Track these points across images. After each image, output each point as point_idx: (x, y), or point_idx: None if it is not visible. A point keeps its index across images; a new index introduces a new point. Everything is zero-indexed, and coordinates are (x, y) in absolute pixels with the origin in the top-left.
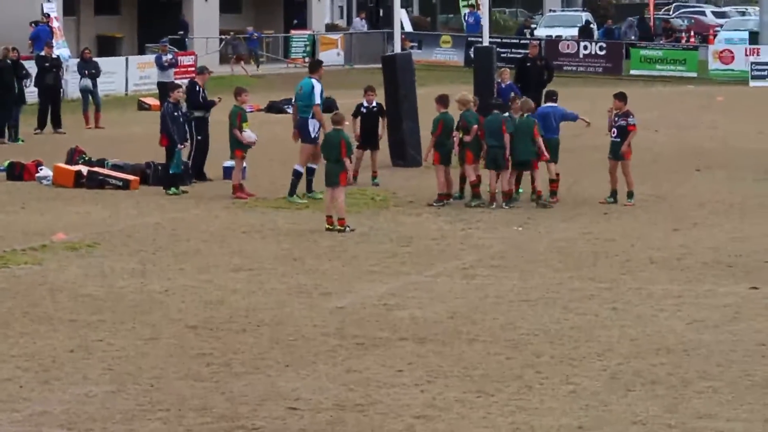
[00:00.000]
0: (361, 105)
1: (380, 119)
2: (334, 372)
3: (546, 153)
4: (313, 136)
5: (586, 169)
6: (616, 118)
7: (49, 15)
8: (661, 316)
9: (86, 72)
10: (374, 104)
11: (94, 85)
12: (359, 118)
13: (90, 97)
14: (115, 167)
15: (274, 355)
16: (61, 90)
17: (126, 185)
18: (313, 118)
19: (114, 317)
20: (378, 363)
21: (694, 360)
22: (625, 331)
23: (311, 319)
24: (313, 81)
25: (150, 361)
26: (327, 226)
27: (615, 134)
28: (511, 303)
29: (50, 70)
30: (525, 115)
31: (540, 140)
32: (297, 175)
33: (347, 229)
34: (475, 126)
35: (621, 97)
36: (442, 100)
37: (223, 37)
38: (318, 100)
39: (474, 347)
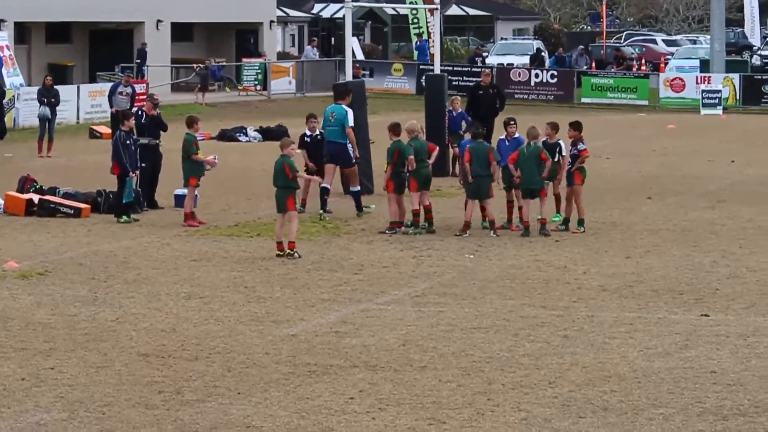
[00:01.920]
0: (304, 135)
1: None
2: (286, 399)
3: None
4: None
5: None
6: (571, 148)
7: None
8: (612, 343)
9: (45, 100)
10: (317, 132)
11: (53, 113)
12: (305, 148)
13: (47, 125)
14: (67, 195)
15: (225, 383)
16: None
17: (77, 213)
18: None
19: (65, 345)
20: (330, 390)
21: (645, 387)
22: (576, 359)
23: (263, 346)
24: (344, 107)
25: (101, 389)
26: (278, 252)
27: (569, 162)
28: (463, 330)
29: None
30: (532, 143)
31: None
32: (357, 194)
33: (296, 254)
34: (411, 157)
35: (575, 126)
36: (395, 128)
37: (186, 66)
38: (351, 123)
39: (425, 375)
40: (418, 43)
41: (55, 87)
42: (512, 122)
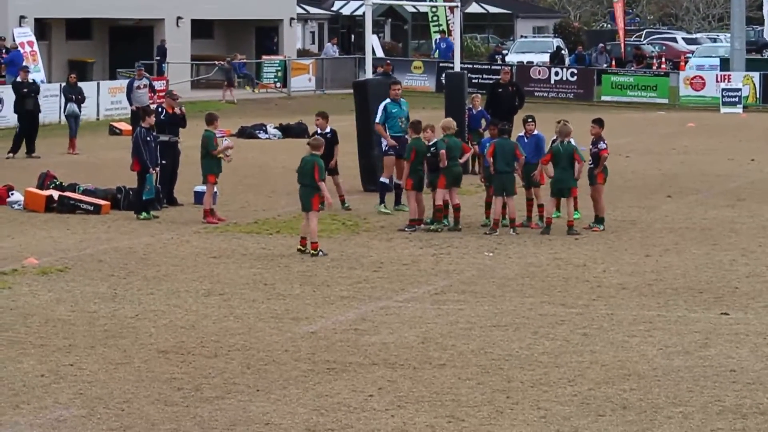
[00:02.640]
0: (315, 133)
1: (335, 146)
2: (305, 397)
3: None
4: (384, 149)
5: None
6: (591, 146)
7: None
8: (632, 341)
9: (73, 97)
10: (328, 130)
11: (79, 110)
12: None
13: (75, 122)
14: (87, 192)
15: (245, 380)
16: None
17: (97, 210)
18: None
19: (85, 342)
20: (349, 388)
21: (665, 386)
22: (596, 357)
23: (282, 344)
24: (387, 101)
25: (121, 386)
26: (299, 247)
27: (590, 161)
28: (482, 328)
29: (29, 95)
30: (565, 141)
31: (578, 166)
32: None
33: (320, 253)
34: (442, 151)
35: (599, 123)
36: (415, 126)
37: (206, 63)
38: (377, 119)
39: (445, 372)
40: (441, 43)
41: (79, 84)
42: (530, 120)
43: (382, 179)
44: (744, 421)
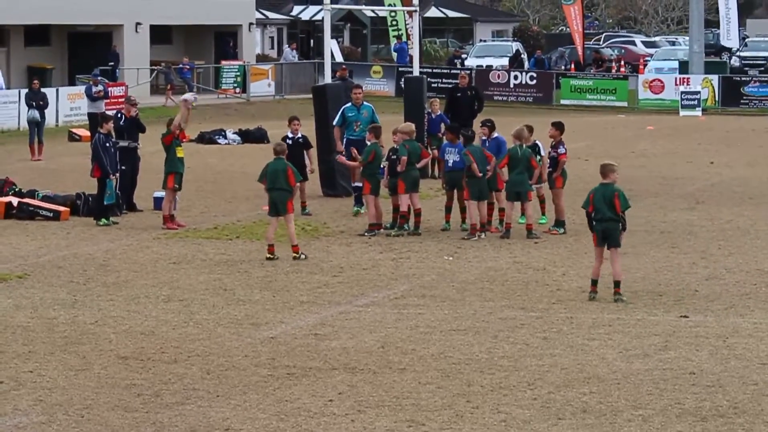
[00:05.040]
0: (286, 137)
1: (306, 151)
2: (265, 402)
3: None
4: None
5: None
6: (551, 150)
7: None
8: (591, 345)
9: (34, 103)
10: (299, 135)
11: (42, 116)
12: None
13: (35, 128)
14: (46, 198)
15: (205, 386)
16: None
17: (57, 216)
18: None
19: (44, 348)
20: (309, 393)
21: (625, 389)
22: (555, 360)
23: (242, 349)
24: (347, 105)
25: (80, 392)
26: (268, 255)
27: (548, 165)
28: (442, 332)
29: None
30: (523, 145)
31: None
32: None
33: (302, 256)
34: (403, 157)
35: (558, 126)
36: (375, 131)
37: (154, 67)
38: (335, 122)
39: (405, 377)
40: (397, 45)
41: (42, 90)
42: (487, 124)
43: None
44: (704, 424)
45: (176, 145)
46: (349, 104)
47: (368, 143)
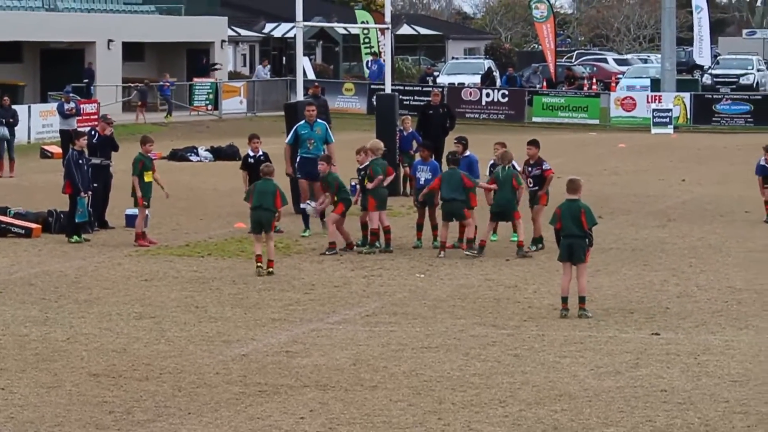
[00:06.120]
0: (248, 155)
1: None
2: (236, 419)
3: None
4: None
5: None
6: (530, 168)
7: None
8: (563, 362)
9: (4, 120)
10: (260, 153)
11: (12, 133)
12: (247, 170)
13: (5, 145)
14: (18, 215)
15: (176, 403)
16: None
17: (28, 233)
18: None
19: (16, 365)
20: (280, 410)
21: (596, 406)
22: (527, 378)
23: (214, 366)
24: (301, 122)
25: (52, 410)
26: (258, 264)
27: (532, 184)
28: (414, 350)
29: None
30: (507, 166)
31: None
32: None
33: (273, 272)
34: (380, 176)
35: (535, 144)
36: (326, 160)
37: (132, 85)
38: (287, 140)
39: (376, 394)
40: (373, 65)
41: (13, 107)
42: (461, 141)
43: (301, 204)
44: None
45: (145, 170)
46: (302, 122)
47: (325, 173)
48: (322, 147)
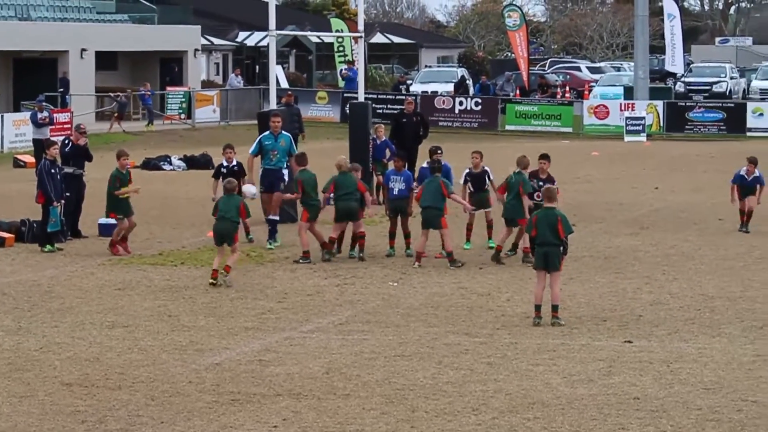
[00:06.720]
0: (221, 165)
1: (241, 178)
2: (209, 428)
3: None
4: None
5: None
6: (541, 183)
7: None
8: (536, 370)
9: None
10: (234, 163)
11: None
12: (220, 178)
13: None
14: None
15: (149, 412)
16: None
17: (1, 243)
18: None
19: None
20: (253, 419)
21: (569, 414)
22: (500, 386)
23: (186, 375)
24: (265, 133)
25: (25, 419)
26: (211, 280)
27: (540, 198)
28: (387, 358)
29: None
30: (520, 172)
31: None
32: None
33: (227, 281)
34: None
35: (547, 158)
36: (299, 159)
37: (112, 95)
38: (250, 150)
39: (349, 403)
40: (350, 69)
41: None
42: (438, 150)
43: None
44: None
45: (122, 186)
46: (267, 132)
47: (296, 173)
48: (285, 159)
